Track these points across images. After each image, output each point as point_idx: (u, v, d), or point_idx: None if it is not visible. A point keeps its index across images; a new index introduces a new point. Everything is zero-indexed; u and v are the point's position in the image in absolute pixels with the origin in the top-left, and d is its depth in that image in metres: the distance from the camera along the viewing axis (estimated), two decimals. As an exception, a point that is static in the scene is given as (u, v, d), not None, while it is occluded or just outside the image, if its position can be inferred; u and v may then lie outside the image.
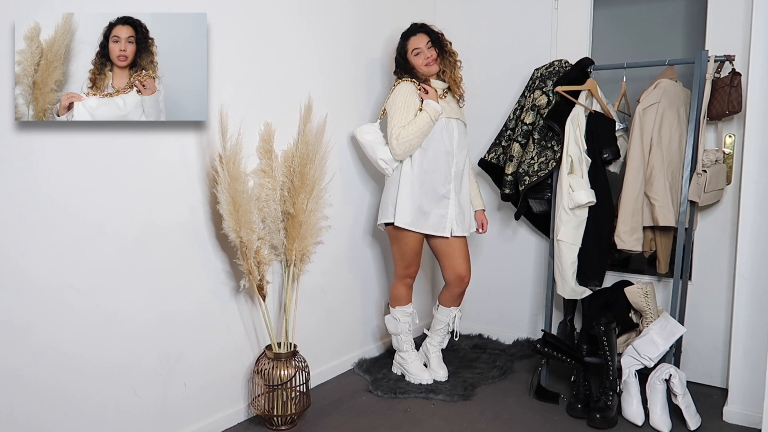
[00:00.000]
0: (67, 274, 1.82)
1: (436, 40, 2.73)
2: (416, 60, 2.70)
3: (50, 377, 1.79)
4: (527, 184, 2.75)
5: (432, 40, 2.72)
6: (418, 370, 2.79)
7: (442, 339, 2.88)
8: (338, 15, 2.77)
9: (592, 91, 2.63)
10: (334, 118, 2.64)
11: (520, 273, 3.31)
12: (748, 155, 2.35)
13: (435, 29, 2.77)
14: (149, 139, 2.02)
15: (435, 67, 2.71)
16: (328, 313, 2.84)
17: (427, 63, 2.69)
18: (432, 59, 2.69)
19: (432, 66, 2.70)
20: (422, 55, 2.69)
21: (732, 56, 2.43)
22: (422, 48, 2.70)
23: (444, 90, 2.77)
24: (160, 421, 2.11)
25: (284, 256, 2.40)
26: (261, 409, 2.34)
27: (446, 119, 2.69)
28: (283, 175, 2.36)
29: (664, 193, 2.49)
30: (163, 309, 2.10)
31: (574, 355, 2.56)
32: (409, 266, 2.77)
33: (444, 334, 2.87)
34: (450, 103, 2.77)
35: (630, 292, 2.59)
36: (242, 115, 2.26)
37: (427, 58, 2.69)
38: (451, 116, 2.70)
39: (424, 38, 2.71)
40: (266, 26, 2.40)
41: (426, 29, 2.75)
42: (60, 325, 1.80)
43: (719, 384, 2.72)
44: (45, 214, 1.75)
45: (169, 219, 2.10)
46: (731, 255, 2.64)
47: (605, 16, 3.13)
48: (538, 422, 2.43)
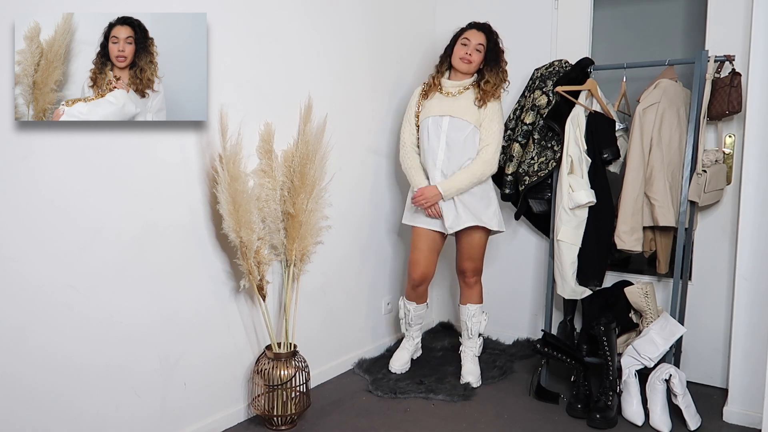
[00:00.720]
0: (67, 274, 1.81)
1: (492, 48, 2.67)
2: (458, 49, 2.66)
3: (49, 379, 1.78)
4: (527, 184, 2.75)
5: (488, 45, 2.66)
6: (394, 357, 2.91)
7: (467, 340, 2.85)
8: (339, 15, 2.77)
9: (592, 91, 2.63)
10: (334, 118, 2.64)
11: (520, 273, 3.31)
12: (748, 155, 2.35)
13: (499, 40, 2.70)
14: (149, 140, 2.01)
15: (469, 67, 2.65)
16: (328, 313, 2.84)
17: (463, 58, 2.64)
18: (469, 59, 2.63)
19: (466, 65, 2.64)
20: (466, 48, 2.64)
21: (732, 56, 2.43)
22: (471, 43, 2.64)
23: (463, 88, 2.70)
24: (160, 422, 2.11)
25: (284, 256, 2.40)
26: (261, 409, 2.34)
27: (437, 117, 2.66)
28: (283, 175, 2.36)
29: (664, 193, 2.49)
30: (163, 309, 2.10)
31: (574, 355, 2.56)
32: (413, 266, 2.77)
33: (466, 335, 2.84)
34: (460, 100, 2.67)
35: (630, 292, 2.59)
36: (242, 115, 2.26)
37: (467, 54, 2.63)
38: (445, 113, 2.65)
39: (480, 37, 2.66)
40: (266, 26, 2.40)
41: (488, 30, 2.69)
42: (59, 326, 1.80)
43: (719, 384, 2.72)
44: (44, 214, 1.75)
45: (169, 219, 2.10)
46: (731, 255, 2.64)
47: (605, 16, 3.13)
48: (538, 422, 2.43)
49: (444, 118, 2.66)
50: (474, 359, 2.84)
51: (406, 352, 2.93)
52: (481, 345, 2.88)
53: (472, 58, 2.64)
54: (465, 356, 2.84)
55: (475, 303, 2.82)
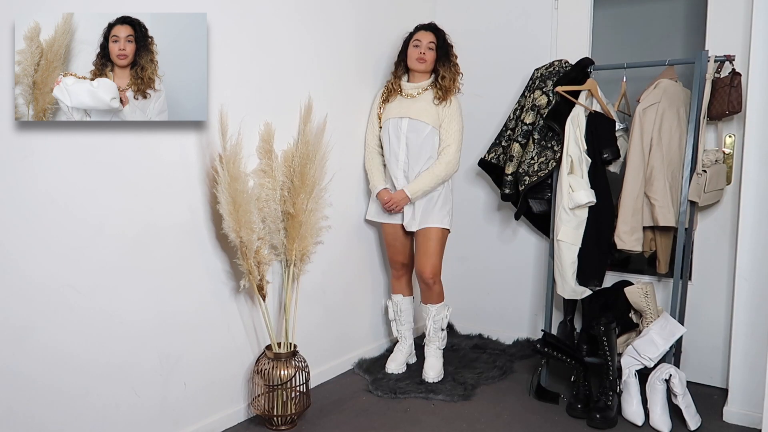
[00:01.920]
0: (67, 274, 1.82)
1: (442, 45, 2.76)
2: (411, 51, 2.76)
3: (50, 377, 1.79)
4: (527, 184, 2.75)
5: (438, 42, 2.75)
6: (390, 359, 2.93)
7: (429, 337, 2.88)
8: (339, 15, 2.77)
9: (592, 91, 2.63)
10: (334, 118, 2.64)
11: (520, 273, 3.31)
12: (748, 155, 2.35)
13: (446, 36, 2.80)
14: (149, 139, 2.01)
15: (425, 65, 2.74)
16: (327, 313, 2.84)
17: (418, 58, 2.74)
18: (424, 57, 2.73)
19: (421, 64, 2.74)
20: (419, 49, 2.74)
21: (732, 56, 2.43)
22: (422, 43, 2.74)
23: (422, 89, 2.77)
24: (160, 421, 2.11)
25: (284, 256, 2.40)
26: (261, 409, 2.34)
27: (396, 119, 2.75)
28: (283, 175, 2.36)
29: (664, 193, 2.49)
30: (163, 309, 2.10)
31: (574, 355, 2.56)
32: (392, 255, 2.94)
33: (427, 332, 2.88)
34: (419, 102, 2.75)
35: (630, 292, 2.59)
36: (242, 115, 2.26)
37: (421, 54, 2.73)
38: (404, 116, 2.73)
39: (429, 36, 2.75)
40: (266, 26, 2.40)
41: (435, 29, 2.78)
42: (60, 325, 1.80)
43: (719, 384, 2.72)
44: (45, 214, 1.75)
45: (169, 219, 2.10)
46: (731, 255, 2.64)
47: (605, 16, 3.13)
48: (538, 422, 2.43)
49: (403, 120, 2.75)
50: (437, 353, 2.86)
51: (400, 354, 2.94)
52: (445, 338, 2.90)
53: (426, 57, 2.74)
54: (428, 351, 2.87)
55: (435, 303, 2.83)
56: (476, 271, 3.44)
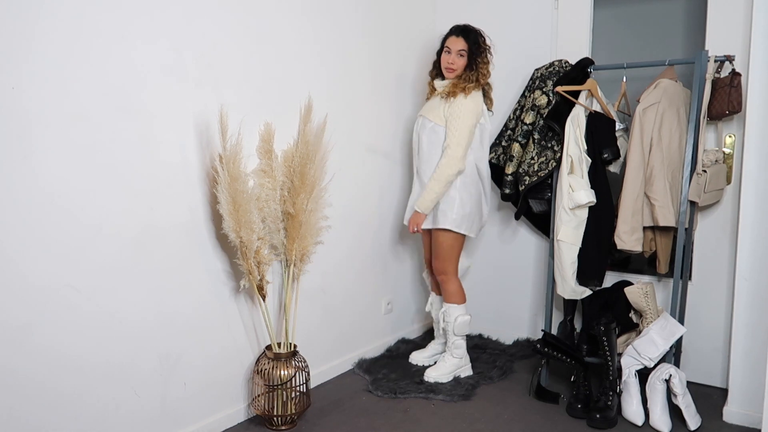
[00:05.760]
0: (67, 274, 1.81)
1: (474, 51, 2.70)
2: (443, 57, 2.76)
3: (50, 377, 1.78)
4: (527, 184, 2.75)
5: (470, 48, 2.70)
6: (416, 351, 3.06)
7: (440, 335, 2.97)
8: (339, 15, 2.77)
9: (592, 91, 2.63)
10: (334, 118, 2.64)
11: (520, 273, 3.31)
12: (748, 155, 2.35)
13: (480, 39, 2.73)
14: (149, 139, 2.01)
15: (454, 74, 2.73)
16: (327, 313, 2.84)
17: (447, 67, 2.73)
18: (452, 67, 2.71)
19: (450, 73, 2.73)
20: (449, 56, 2.72)
21: (732, 56, 2.43)
22: (453, 50, 2.72)
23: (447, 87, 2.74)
24: (160, 421, 2.11)
25: (284, 256, 2.40)
26: (261, 409, 2.34)
27: (419, 117, 2.83)
28: (283, 175, 2.36)
29: (664, 193, 2.49)
30: (163, 309, 2.10)
31: (574, 355, 2.56)
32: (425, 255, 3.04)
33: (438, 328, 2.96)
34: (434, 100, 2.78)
35: (630, 292, 2.59)
36: (242, 115, 2.26)
37: (450, 63, 2.72)
38: (421, 114, 2.81)
39: (460, 43, 2.71)
40: (266, 26, 2.40)
41: (467, 35, 2.72)
42: (60, 325, 1.80)
43: (719, 384, 2.73)
44: (45, 214, 1.75)
45: (169, 219, 2.10)
46: (731, 255, 2.64)
47: (605, 16, 3.13)
48: (538, 422, 2.43)
49: (419, 118, 2.81)
50: (443, 355, 2.86)
51: (428, 349, 3.02)
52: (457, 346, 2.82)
53: (454, 66, 2.72)
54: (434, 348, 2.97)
55: (448, 302, 2.84)
56: (476, 270, 3.44)
